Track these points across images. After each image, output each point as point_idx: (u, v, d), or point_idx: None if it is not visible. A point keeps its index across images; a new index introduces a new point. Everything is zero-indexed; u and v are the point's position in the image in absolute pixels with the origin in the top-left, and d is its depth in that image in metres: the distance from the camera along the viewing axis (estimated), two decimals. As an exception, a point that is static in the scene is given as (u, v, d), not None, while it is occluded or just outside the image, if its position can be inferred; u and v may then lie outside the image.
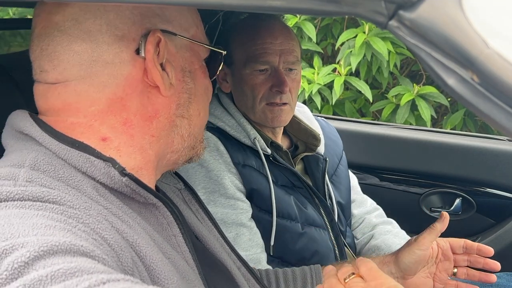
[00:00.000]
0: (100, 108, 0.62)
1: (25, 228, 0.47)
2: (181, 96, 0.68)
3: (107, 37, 0.61)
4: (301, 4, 0.45)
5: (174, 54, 0.67)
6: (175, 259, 0.63)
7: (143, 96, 0.64)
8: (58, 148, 0.59)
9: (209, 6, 0.50)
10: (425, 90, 2.76)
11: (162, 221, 0.67)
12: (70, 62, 0.61)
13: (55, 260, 0.44)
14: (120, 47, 0.62)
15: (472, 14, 0.40)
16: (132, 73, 0.63)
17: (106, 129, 0.63)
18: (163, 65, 0.65)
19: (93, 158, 0.60)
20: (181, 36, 0.67)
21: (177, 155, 0.71)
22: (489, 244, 1.78)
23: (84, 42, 0.61)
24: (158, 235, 0.64)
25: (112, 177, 0.60)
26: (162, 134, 0.67)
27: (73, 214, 0.52)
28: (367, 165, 1.90)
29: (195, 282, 0.65)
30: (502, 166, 1.80)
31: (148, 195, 0.64)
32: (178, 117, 0.69)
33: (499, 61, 0.39)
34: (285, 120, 1.25)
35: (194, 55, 0.71)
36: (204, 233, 0.81)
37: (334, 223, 1.30)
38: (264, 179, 1.21)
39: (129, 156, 0.64)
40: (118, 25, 0.62)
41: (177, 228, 0.68)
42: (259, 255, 1.16)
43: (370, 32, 2.76)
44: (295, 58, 1.22)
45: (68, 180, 0.57)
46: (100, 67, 0.61)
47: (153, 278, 0.57)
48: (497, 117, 0.41)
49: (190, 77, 0.70)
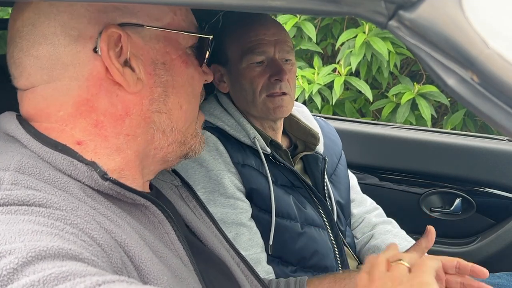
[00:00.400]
0: (68, 112, 0.61)
1: (11, 235, 0.46)
2: (154, 91, 0.65)
3: (63, 39, 0.60)
4: (301, 4, 0.45)
5: (141, 47, 0.63)
6: (168, 257, 0.63)
7: (111, 95, 0.62)
8: (42, 151, 0.59)
9: (209, 6, 0.50)
10: (426, 89, 2.76)
11: (153, 220, 0.66)
12: (32, 67, 0.61)
13: (45, 265, 0.43)
14: (76, 47, 0.60)
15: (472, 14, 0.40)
16: (93, 73, 0.61)
17: (79, 133, 0.62)
18: (128, 60, 0.62)
19: (75, 161, 0.59)
20: (150, 26, 0.64)
21: (162, 151, 0.69)
22: (489, 244, 1.80)
23: (41, 46, 0.60)
24: (150, 233, 0.63)
25: (95, 180, 0.59)
26: (138, 132, 0.65)
27: (60, 216, 0.51)
28: (367, 165, 1.90)
29: (189, 280, 0.64)
30: (502, 166, 1.80)
31: (135, 196, 0.63)
32: (154, 112, 0.65)
33: (499, 61, 0.39)
34: (287, 110, 1.25)
35: (169, 45, 0.66)
36: (202, 230, 0.80)
37: (333, 222, 1.30)
38: (263, 178, 1.21)
39: (108, 157, 0.63)
40: (73, 25, 0.60)
41: (169, 225, 0.67)
42: (259, 255, 1.16)
43: (370, 32, 2.76)
44: (289, 48, 1.24)
45: (54, 182, 0.57)
46: (61, 70, 0.60)
47: (143, 278, 0.56)
48: (497, 117, 0.41)
49: (164, 69, 0.66)
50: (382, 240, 1.39)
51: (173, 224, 0.68)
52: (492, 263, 1.78)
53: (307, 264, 1.23)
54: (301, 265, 1.23)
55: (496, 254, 1.80)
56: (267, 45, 1.20)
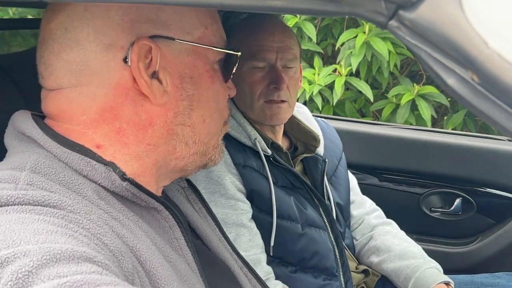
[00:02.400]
0: (91, 117, 0.62)
1: (26, 234, 0.46)
2: (180, 104, 0.65)
3: (95, 46, 0.60)
4: (301, 4, 0.45)
5: (170, 60, 0.64)
6: (177, 262, 0.63)
7: (136, 105, 0.63)
8: (59, 151, 0.59)
9: (209, 6, 0.50)
10: (425, 90, 2.76)
11: (164, 224, 0.66)
12: (62, 70, 0.61)
13: (60, 269, 0.43)
14: (107, 55, 0.60)
15: (472, 14, 0.40)
16: (120, 82, 0.61)
17: (99, 137, 0.62)
18: (157, 72, 0.62)
19: (93, 162, 0.59)
20: (181, 40, 0.64)
21: (183, 161, 0.69)
22: (489, 244, 1.80)
23: (72, 51, 0.60)
24: (160, 238, 0.63)
25: (113, 181, 0.59)
26: (159, 143, 0.65)
27: (73, 219, 0.52)
28: (367, 165, 1.90)
29: (197, 285, 0.64)
30: (502, 166, 1.80)
31: (149, 199, 0.63)
32: (177, 125, 0.66)
33: (499, 61, 0.39)
34: (283, 118, 1.25)
35: (198, 59, 0.67)
36: (207, 232, 0.80)
37: (334, 223, 1.30)
38: (264, 180, 1.21)
39: (126, 163, 0.63)
40: (107, 33, 0.60)
41: (179, 231, 0.67)
42: (259, 256, 1.16)
43: (370, 32, 2.76)
44: (293, 56, 1.22)
45: (68, 183, 0.57)
46: (89, 76, 0.61)
47: (153, 283, 0.57)
48: (497, 117, 0.41)
49: (191, 83, 0.66)
50: (382, 241, 1.39)
51: (183, 230, 0.68)
52: (492, 263, 1.78)
53: (307, 264, 1.23)
54: (301, 265, 1.23)
55: (496, 254, 1.80)
56: (269, 52, 1.19)
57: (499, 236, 1.80)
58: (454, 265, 1.78)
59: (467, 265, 1.80)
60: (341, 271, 1.27)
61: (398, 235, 1.41)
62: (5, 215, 0.50)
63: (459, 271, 1.58)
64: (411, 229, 1.51)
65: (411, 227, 1.54)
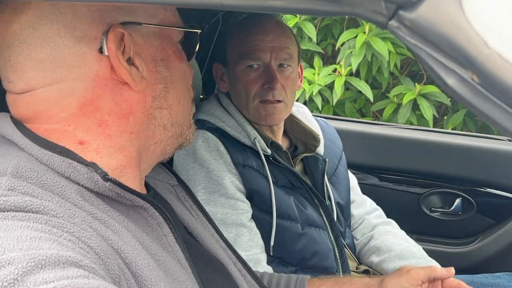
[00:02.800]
0: (71, 112, 0.61)
1: (10, 242, 0.46)
2: (156, 88, 0.65)
3: (67, 40, 0.59)
4: (301, 4, 0.45)
5: (141, 45, 0.63)
6: (166, 260, 0.63)
7: (115, 94, 0.62)
8: (40, 153, 0.58)
9: (209, 6, 0.50)
10: (427, 89, 2.77)
11: (151, 222, 0.66)
12: (34, 70, 0.59)
13: (46, 274, 0.43)
14: (82, 48, 0.59)
15: (472, 14, 0.40)
16: (99, 73, 0.61)
17: (81, 133, 0.61)
18: (132, 59, 0.62)
19: (75, 163, 0.58)
20: (147, 24, 0.64)
21: (162, 145, 0.69)
22: (489, 244, 1.80)
23: (44, 49, 0.59)
24: (147, 236, 0.63)
25: (95, 182, 0.58)
26: (140, 129, 0.65)
27: (57, 223, 0.51)
28: (367, 165, 1.90)
29: (187, 283, 0.64)
30: (502, 166, 1.80)
31: (134, 198, 0.62)
32: (156, 109, 0.66)
33: (499, 61, 0.39)
34: (279, 118, 1.25)
35: (165, 41, 0.67)
36: (199, 230, 0.80)
37: (333, 223, 1.30)
38: (264, 179, 1.21)
39: (110, 156, 0.63)
40: (77, 26, 0.59)
41: (167, 228, 0.67)
42: (259, 255, 1.16)
43: (370, 32, 2.76)
44: (288, 55, 1.22)
45: (51, 186, 0.56)
46: (65, 71, 0.60)
47: (140, 285, 0.56)
48: (497, 117, 0.41)
49: (164, 65, 0.66)
50: (382, 240, 1.39)
51: (171, 226, 0.67)
52: (492, 263, 1.78)
53: (307, 264, 1.23)
54: (301, 265, 1.23)
55: (496, 254, 1.80)
56: (263, 51, 1.19)
57: (499, 236, 1.80)
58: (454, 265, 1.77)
59: (467, 265, 1.80)
60: (341, 270, 1.27)
61: (399, 235, 1.41)
62: None
63: (459, 271, 1.57)
64: (411, 229, 1.51)
65: (411, 227, 1.54)
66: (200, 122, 1.25)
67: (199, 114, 1.28)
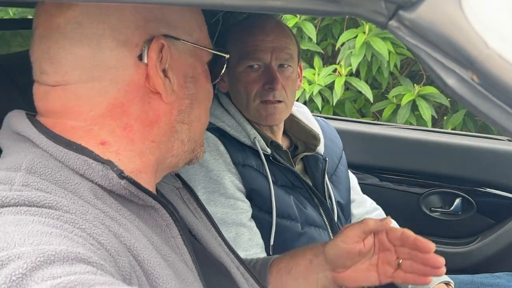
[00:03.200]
0: (100, 112, 0.62)
1: (21, 236, 0.46)
2: (183, 102, 0.67)
3: (110, 42, 0.60)
4: (301, 4, 0.45)
5: (176, 59, 0.65)
6: (174, 261, 0.63)
7: (145, 102, 0.63)
8: (55, 150, 0.59)
9: (209, 6, 0.51)
10: (426, 90, 2.76)
11: (161, 223, 0.66)
12: (72, 65, 0.60)
13: (54, 270, 0.43)
14: (123, 52, 0.61)
15: (472, 14, 0.40)
16: (134, 79, 0.62)
17: (105, 134, 0.62)
18: (166, 71, 0.64)
19: (90, 160, 0.59)
20: (184, 41, 0.66)
21: (177, 159, 0.71)
22: (489, 244, 1.80)
23: (87, 46, 0.60)
24: (157, 237, 0.63)
25: (110, 180, 0.59)
26: (162, 140, 0.66)
27: (69, 219, 0.51)
28: (367, 165, 1.90)
29: (195, 284, 0.64)
30: (502, 166, 1.80)
31: (147, 198, 0.63)
32: (179, 123, 0.68)
33: (499, 61, 0.39)
34: (279, 118, 1.25)
35: (197, 60, 0.69)
36: (203, 232, 0.80)
37: (333, 223, 1.30)
38: (264, 179, 1.21)
39: (129, 159, 0.63)
40: (121, 30, 0.61)
41: (176, 230, 0.68)
42: (259, 255, 1.16)
43: (370, 32, 2.76)
44: (288, 56, 1.22)
45: (65, 183, 0.57)
46: (103, 71, 0.61)
47: (151, 283, 0.56)
48: (497, 117, 0.41)
49: (193, 82, 0.68)
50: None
51: (180, 228, 0.68)
52: (492, 263, 1.78)
53: (307, 264, 1.23)
54: (301, 265, 1.23)
55: (496, 254, 1.80)
56: (263, 52, 1.20)
57: (499, 236, 1.80)
58: (454, 265, 1.78)
59: (467, 265, 1.80)
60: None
61: (398, 235, 1.41)
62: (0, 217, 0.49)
63: (459, 271, 1.58)
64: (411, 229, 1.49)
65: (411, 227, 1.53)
66: (200, 122, 1.26)
67: (199, 114, 1.28)
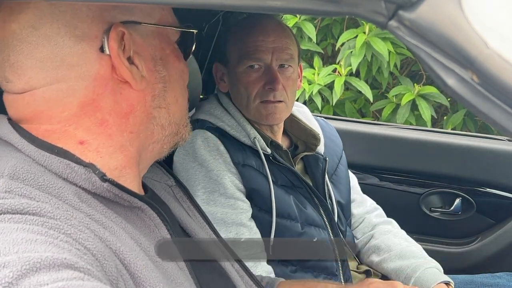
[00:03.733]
0: (72, 112, 0.60)
1: (6, 245, 0.46)
2: (156, 87, 0.66)
3: (67, 39, 0.59)
4: (301, 4, 0.45)
5: (141, 44, 0.64)
6: (163, 262, 0.62)
7: (116, 94, 0.62)
8: (37, 155, 0.58)
9: (209, 6, 0.50)
10: (426, 90, 2.77)
11: (149, 224, 0.65)
12: (34, 70, 0.59)
13: (40, 277, 0.43)
14: (83, 47, 0.59)
15: (472, 14, 0.40)
16: (100, 72, 0.61)
17: (82, 132, 0.61)
18: (131, 58, 0.62)
19: (73, 164, 0.58)
20: (146, 23, 0.64)
21: (159, 144, 0.69)
22: (489, 244, 1.80)
23: (45, 48, 0.59)
24: (145, 238, 0.62)
25: (93, 183, 0.58)
26: (141, 129, 0.65)
27: (54, 225, 0.51)
28: (367, 165, 1.90)
29: (185, 284, 0.64)
30: (502, 166, 1.80)
31: (132, 199, 0.62)
32: (155, 108, 0.66)
33: (499, 61, 0.39)
34: (280, 117, 1.25)
35: (163, 40, 0.67)
36: (196, 230, 0.79)
37: (333, 223, 1.30)
38: (264, 179, 1.21)
39: (110, 156, 0.63)
40: (77, 25, 0.59)
41: (165, 229, 0.67)
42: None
43: (370, 32, 2.76)
44: (289, 56, 1.22)
45: (48, 188, 0.56)
46: (66, 70, 0.59)
47: (138, 286, 0.56)
48: (497, 117, 0.41)
49: (162, 65, 0.67)
50: (382, 240, 1.39)
51: (169, 228, 0.67)
52: (492, 263, 1.78)
53: (307, 264, 1.23)
54: (301, 265, 1.23)
55: (496, 254, 1.80)
56: (264, 52, 1.20)
57: (499, 236, 1.80)
58: (454, 265, 1.78)
59: (467, 265, 1.80)
60: (341, 270, 1.27)
61: (399, 234, 1.41)
62: None
63: (459, 271, 1.58)
64: (411, 229, 1.50)
65: (411, 227, 1.54)
66: (200, 122, 1.26)
67: (199, 114, 1.28)
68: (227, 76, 1.27)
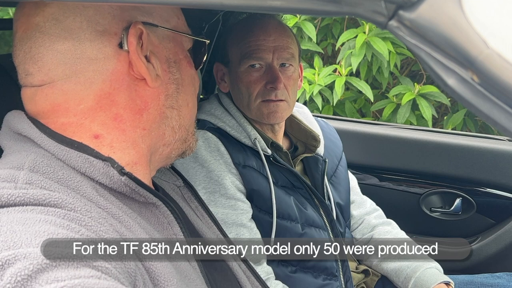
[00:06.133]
0: (89, 105, 0.62)
1: (28, 236, 0.46)
2: (169, 87, 0.68)
3: (89, 34, 0.61)
4: (301, 4, 0.45)
5: (157, 45, 0.67)
6: None
7: (131, 90, 0.64)
8: (57, 149, 0.59)
9: (209, 6, 0.51)
10: (426, 89, 2.77)
11: (162, 221, 0.67)
12: (54, 62, 0.61)
13: (58, 273, 0.44)
14: (102, 42, 0.62)
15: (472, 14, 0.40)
16: (117, 67, 0.63)
17: (97, 126, 0.62)
18: (148, 57, 0.64)
19: (91, 158, 0.59)
20: (163, 27, 0.67)
21: (169, 148, 0.71)
22: (489, 244, 1.80)
23: (66, 41, 0.61)
24: (159, 234, 0.64)
25: (111, 177, 0.60)
26: (153, 127, 0.67)
27: (74, 217, 0.52)
28: (367, 165, 1.90)
29: (197, 281, 0.65)
30: (502, 166, 1.80)
31: (148, 194, 0.63)
32: (168, 108, 0.68)
33: (499, 61, 0.39)
34: (281, 116, 1.25)
35: (177, 46, 0.70)
36: (204, 230, 0.80)
37: (334, 223, 1.30)
38: (264, 179, 1.21)
39: (123, 151, 0.64)
40: (99, 21, 0.62)
41: (178, 227, 0.68)
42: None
43: (370, 32, 2.76)
44: (290, 55, 1.22)
45: (67, 181, 0.57)
46: (85, 64, 0.61)
47: (154, 281, 0.57)
48: (497, 117, 0.41)
49: (176, 67, 0.69)
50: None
51: (181, 225, 0.68)
52: (492, 263, 1.78)
53: (307, 264, 1.23)
54: (301, 265, 1.23)
55: (496, 254, 1.80)
56: (265, 51, 1.20)
57: (499, 236, 1.80)
58: (454, 265, 1.79)
59: (467, 265, 1.80)
60: (341, 271, 1.27)
61: (398, 235, 1.41)
62: (6, 215, 0.50)
63: (459, 271, 1.58)
64: (411, 229, 1.51)
65: (411, 227, 1.54)
66: (200, 122, 1.25)
67: (199, 114, 1.28)
68: (228, 76, 1.27)
